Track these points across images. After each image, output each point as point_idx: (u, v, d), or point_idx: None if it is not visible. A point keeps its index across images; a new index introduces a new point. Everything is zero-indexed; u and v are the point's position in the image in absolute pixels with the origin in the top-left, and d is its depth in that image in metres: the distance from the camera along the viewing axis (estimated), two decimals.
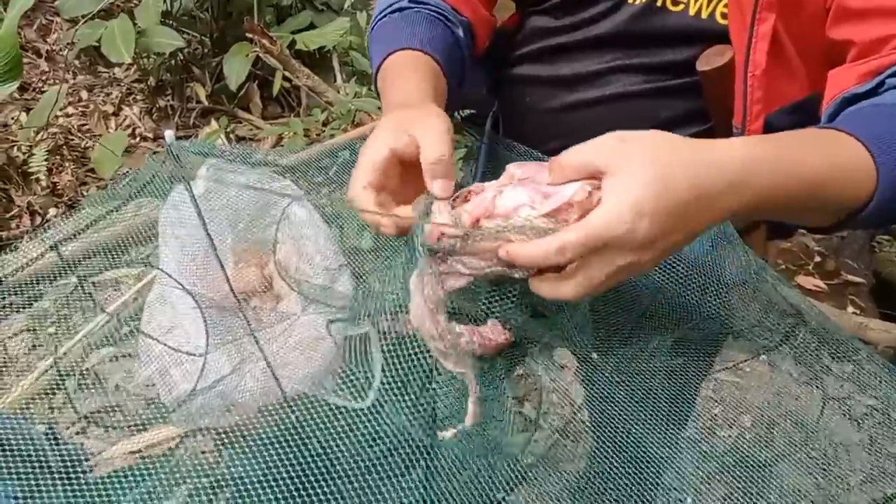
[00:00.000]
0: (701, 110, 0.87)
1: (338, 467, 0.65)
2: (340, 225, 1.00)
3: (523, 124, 0.99)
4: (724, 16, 0.81)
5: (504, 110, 1.03)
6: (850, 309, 2.67)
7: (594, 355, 0.73)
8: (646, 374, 0.83)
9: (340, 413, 0.68)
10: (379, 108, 3.08)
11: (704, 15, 0.82)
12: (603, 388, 0.81)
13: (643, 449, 0.78)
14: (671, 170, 0.53)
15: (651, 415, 0.81)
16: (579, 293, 0.56)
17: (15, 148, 2.95)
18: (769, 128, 0.82)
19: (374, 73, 0.84)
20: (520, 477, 0.74)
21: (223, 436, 0.68)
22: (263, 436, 0.68)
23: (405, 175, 0.65)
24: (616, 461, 0.77)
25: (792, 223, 0.90)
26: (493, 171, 1.04)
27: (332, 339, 0.75)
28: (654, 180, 0.52)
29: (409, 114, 0.66)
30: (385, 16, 0.89)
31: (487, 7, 0.96)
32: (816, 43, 0.79)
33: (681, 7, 0.83)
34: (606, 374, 0.80)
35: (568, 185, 0.55)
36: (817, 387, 1.00)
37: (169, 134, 0.77)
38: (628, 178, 0.52)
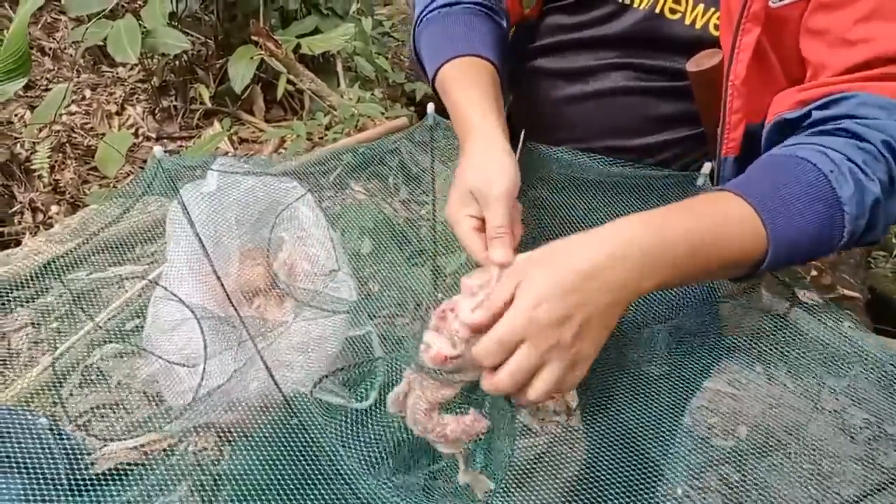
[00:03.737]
0: (694, 113, 0.89)
1: (339, 466, 0.66)
2: (342, 228, 1.01)
3: (533, 116, 1.02)
4: (716, 27, 0.84)
5: (517, 104, 1.05)
6: (846, 323, 2.67)
7: None
8: (641, 377, 0.84)
9: (342, 413, 0.68)
10: (382, 112, 3.11)
11: (699, 25, 0.85)
12: (598, 392, 0.81)
13: (638, 452, 0.79)
14: (557, 266, 0.62)
15: (646, 417, 0.81)
16: (512, 382, 0.63)
17: (18, 145, 2.95)
18: (751, 137, 0.84)
19: (432, 74, 0.88)
20: (516, 481, 0.75)
21: (225, 434, 0.68)
22: (264, 434, 0.69)
23: None
24: (610, 465, 0.78)
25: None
26: None
27: (334, 339, 0.76)
28: (547, 278, 0.62)
29: (476, 176, 0.74)
30: (434, 10, 0.92)
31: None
32: (798, 60, 0.81)
33: (677, 16, 0.86)
34: (601, 377, 0.80)
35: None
36: (812, 400, 1.00)
37: (157, 149, 0.78)
38: (528, 282, 0.62)
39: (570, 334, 0.61)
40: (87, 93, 3.49)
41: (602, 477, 0.76)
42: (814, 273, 2.79)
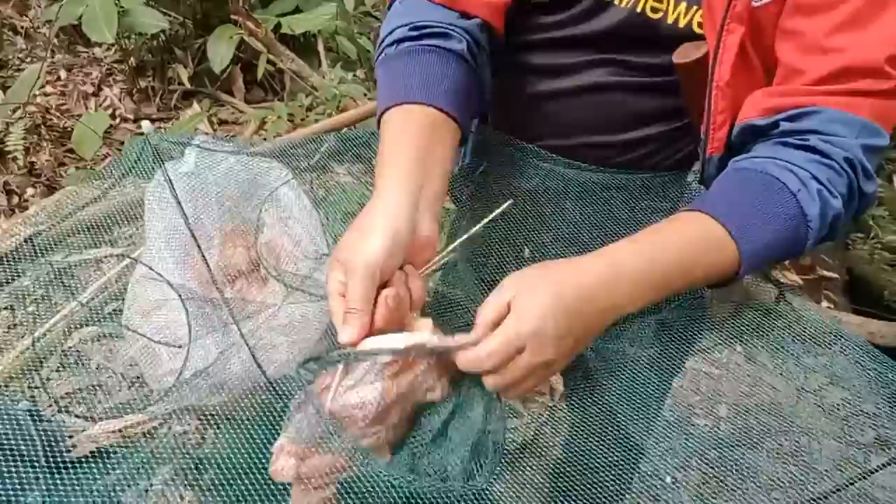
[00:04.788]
0: (677, 108, 0.90)
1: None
2: (326, 211, 1.00)
3: (513, 112, 1.01)
4: (700, 25, 0.83)
5: (497, 99, 1.03)
6: (825, 303, 2.72)
7: None
8: (626, 358, 0.85)
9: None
10: (364, 94, 3.08)
11: (682, 24, 0.84)
12: (584, 374, 0.82)
13: (622, 433, 0.80)
14: (560, 285, 0.66)
15: (630, 399, 0.82)
16: (504, 385, 0.67)
17: None
18: (735, 142, 0.85)
19: (378, 116, 0.84)
20: (503, 465, 0.75)
21: (207, 417, 0.68)
22: (248, 417, 0.68)
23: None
24: (595, 446, 0.78)
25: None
26: (479, 160, 1.05)
27: (318, 322, 0.76)
28: (550, 293, 0.65)
29: (346, 244, 0.71)
30: (383, 50, 0.88)
31: None
32: (775, 58, 0.82)
33: (659, 14, 0.85)
34: (587, 360, 0.81)
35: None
36: (791, 379, 1.02)
37: (146, 125, 0.77)
38: (530, 294, 0.65)
39: (565, 350, 0.66)
40: (63, 73, 3.41)
41: (586, 457, 0.77)
42: None
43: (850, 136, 0.76)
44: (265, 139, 2.94)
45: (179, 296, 0.69)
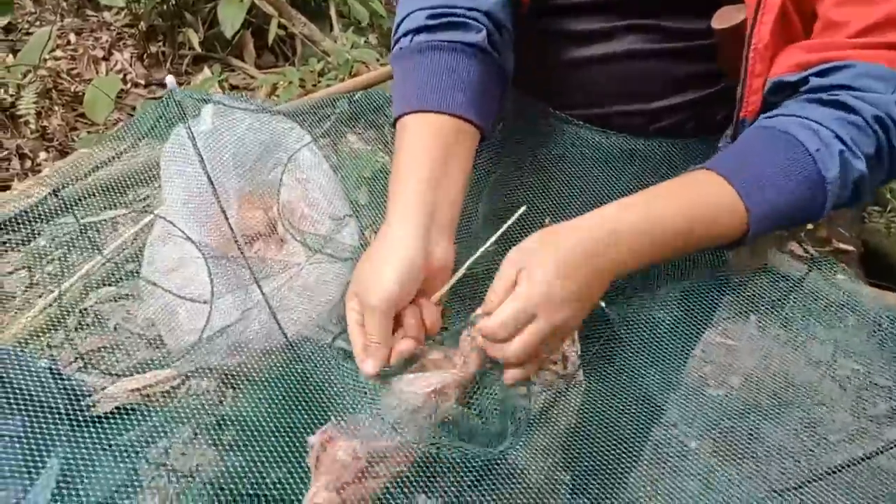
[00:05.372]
0: (712, 73, 0.87)
1: (342, 410, 0.66)
2: (339, 177, 0.99)
3: (542, 79, 0.97)
4: None
5: (526, 66, 1.00)
6: (840, 276, 2.70)
7: (602, 303, 0.75)
8: (649, 324, 0.84)
9: (345, 356, 0.68)
10: (377, 59, 3.04)
11: None
12: (605, 341, 0.82)
13: (639, 399, 0.80)
14: (562, 249, 0.66)
15: (647, 367, 0.82)
16: (525, 353, 0.67)
17: (2, 90, 2.88)
18: (768, 100, 0.82)
19: (395, 116, 0.80)
20: (521, 432, 0.75)
21: (227, 377, 0.68)
22: (268, 377, 0.68)
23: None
24: (611, 413, 0.78)
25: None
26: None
27: (337, 283, 0.75)
28: (554, 257, 0.66)
29: (361, 276, 0.71)
30: (398, 40, 0.84)
31: None
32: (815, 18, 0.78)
33: None
34: (610, 327, 0.80)
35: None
36: (804, 350, 1.01)
37: (170, 80, 0.76)
38: (536, 262, 0.66)
39: (573, 312, 0.66)
40: (72, 37, 3.39)
41: (602, 423, 0.77)
42: (810, 226, 2.80)
43: (886, 92, 0.70)
44: (276, 105, 2.91)
45: (202, 253, 0.68)
